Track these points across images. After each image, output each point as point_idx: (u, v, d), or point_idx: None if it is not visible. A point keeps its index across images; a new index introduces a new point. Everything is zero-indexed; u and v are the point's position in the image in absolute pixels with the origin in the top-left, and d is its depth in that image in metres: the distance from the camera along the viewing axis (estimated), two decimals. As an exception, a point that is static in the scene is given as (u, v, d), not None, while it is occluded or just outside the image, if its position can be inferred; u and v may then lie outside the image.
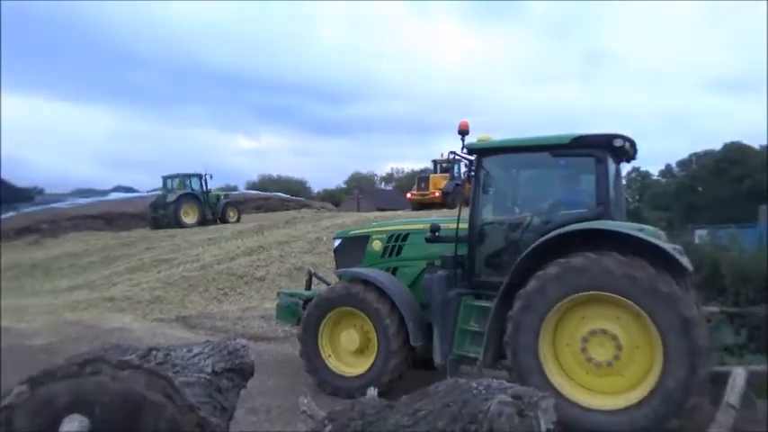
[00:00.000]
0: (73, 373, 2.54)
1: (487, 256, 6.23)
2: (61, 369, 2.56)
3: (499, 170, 6.56)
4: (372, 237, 7.26)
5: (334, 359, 6.64)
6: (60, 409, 2.48)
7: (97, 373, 2.54)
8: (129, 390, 2.51)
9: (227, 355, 3.21)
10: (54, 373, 2.55)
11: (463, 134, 6.33)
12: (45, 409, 2.48)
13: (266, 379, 6.93)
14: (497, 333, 5.60)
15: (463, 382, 2.70)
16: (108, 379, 2.53)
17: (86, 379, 2.53)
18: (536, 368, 5.28)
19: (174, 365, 2.79)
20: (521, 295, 5.35)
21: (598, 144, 5.79)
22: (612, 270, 5.00)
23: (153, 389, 2.51)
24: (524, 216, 6.27)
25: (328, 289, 6.95)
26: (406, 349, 6.24)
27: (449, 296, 6.10)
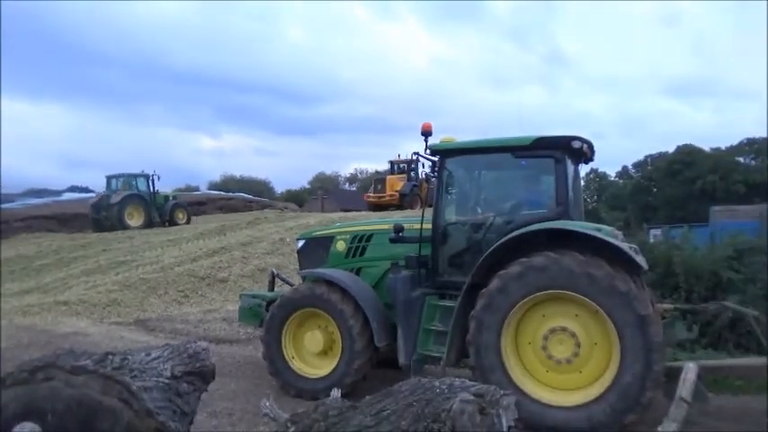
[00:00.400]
0: (23, 380, 2.46)
1: (451, 256, 6.28)
2: (11, 376, 2.47)
3: (462, 171, 6.62)
4: (336, 237, 7.23)
5: (298, 361, 6.58)
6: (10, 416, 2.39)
7: (50, 380, 2.46)
8: (83, 395, 2.43)
9: (187, 359, 3.15)
10: (3, 380, 2.46)
11: (426, 135, 6.37)
12: (-6, 418, 2.39)
13: (228, 382, 6.83)
14: (461, 332, 5.65)
15: (426, 381, 2.71)
16: (61, 385, 2.45)
17: (38, 386, 2.45)
18: (498, 366, 5.35)
19: (132, 370, 2.73)
20: (483, 294, 5.41)
21: (558, 145, 5.90)
22: (572, 269, 5.10)
23: (109, 394, 2.45)
24: (487, 216, 6.34)
25: (292, 290, 6.89)
26: (370, 350, 6.24)
27: (413, 296, 6.12)
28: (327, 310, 6.33)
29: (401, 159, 30.20)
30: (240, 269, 14.15)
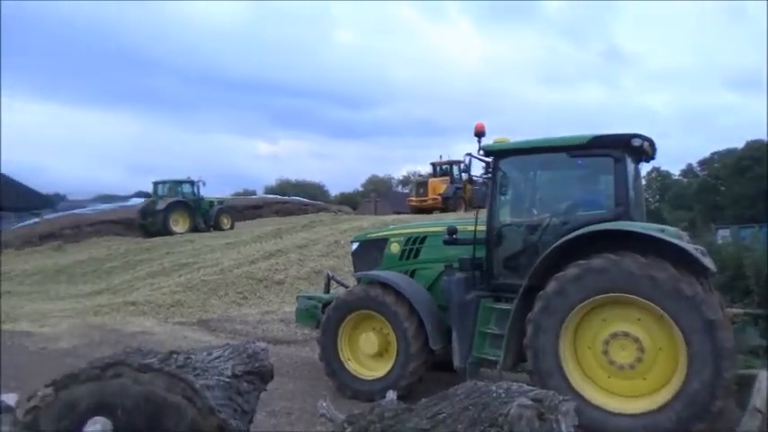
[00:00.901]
0: (95, 376, 2.57)
1: (506, 258, 6.19)
2: (84, 372, 2.59)
3: (516, 172, 6.51)
4: (390, 240, 7.25)
5: (354, 362, 6.64)
6: (83, 411, 2.51)
7: (119, 376, 2.57)
8: (150, 392, 2.53)
9: (246, 359, 3.23)
10: (77, 376, 2.59)
11: (479, 136, 6.30)
12: (69, 412, 2.52)
13: (286, 382, 6.96)
14: (517, 336, 5.56)
15: (483, 384, 2.68)
16: (130, 382, 2.55)
17: (109, 382, 2.57)
18: (557, 371, 5.22)
19: (195, 368, 2.82)
20: (540, 297, 5.30)
21: (616, 144, 5.72)
22: (633, 271, 4.93)
23: (174, 392, 2.54)
24: (543, 217, 6.22)
25: (347, 292, 6.95)
26: (425, 352, 6.22)
27: (467, 298, 6.07)
28: (382, 313, 6.36)
29: (443, 161, 29.44)
30: (296, 271, 14.41)
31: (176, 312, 11.76)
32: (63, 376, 2.62)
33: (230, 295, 12.94)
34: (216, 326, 10.77)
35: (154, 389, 2.53)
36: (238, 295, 12.98)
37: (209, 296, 12.78)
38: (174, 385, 2.55)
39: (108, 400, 2.52)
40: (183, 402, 2.53)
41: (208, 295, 12.82)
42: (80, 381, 2.57)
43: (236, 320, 11.12)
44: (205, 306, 12.23)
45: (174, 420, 2.49)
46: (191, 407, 2.52)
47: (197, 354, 3.08)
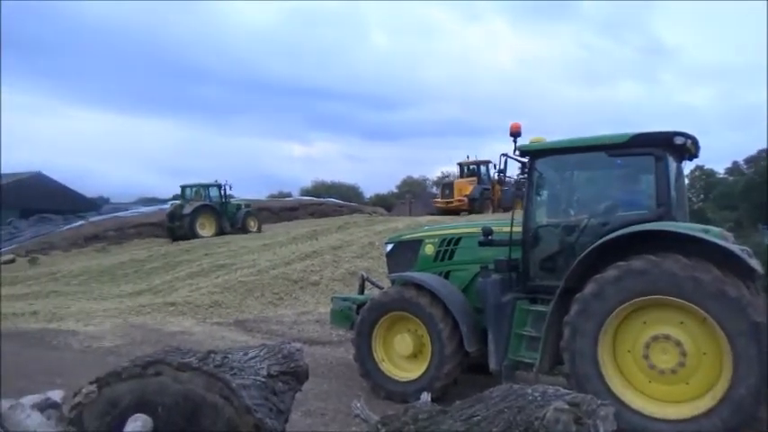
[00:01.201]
0: (137, 374, 2.65)
1: (542, 260, 6.10)
2: (126, 370, 2.67)
3: (553, 172, 6.42)
4: (425, 241, 7.24)
5: (388, 363, 6.64)
6: (125, 408, 2.59)
7: (159, 375, 2.64)
8: (189, 391, 2.59)
9: (282, 359, 3.27)
10: (119, 374, 2.67)
11: (515, 136, 6.24)
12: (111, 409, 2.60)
13: (321, 382, 7.01)
14: (554, 338, 5.48)
15: (518, 387, 2.65)
16: (169, 380, 2.62)
17: (149, 380, 2.64)
18: (595, 375, 5.12)
19: (232, 368, 2.87)
20: (578, 299, 5.21)
21: (657, 142, 5.58)
22: (675, 273, 4.80)
23: (211, 390, 2.59)
24: (580, 218, 6.11)
25: (381, 293, 6.97)
26: (460, 354, 6.18)
27: (503, 300, 6.01)
28: (416, 314, 6.35)
29: (470, 161, 28.61)
30: (331, 272, 14.51)
31: (214, 313, 11.99)
32: (106, 374, 2.71)
33: (266, 296, 13.12)
34: (252, 326, 10.94)
35: (192, 387, 2.59)
36: (274, 296, 13.16)
37: (245, 297, 12.99)
38: (211, 384, 2.60)
39: (148, 397, 2.59)
40: (221, 401, 2.58)
41: (244, 296, 13.03)
42: (122, 378, 2.65)
43: (271, 321, 11.27)
44: (242, 307, 12.44)
45: (211, 419, 2.54)
46: (228, 406, 2.57)
47: (234, 353, 3.14)
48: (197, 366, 2.65)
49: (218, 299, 12.73)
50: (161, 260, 19.62)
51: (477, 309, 6.34)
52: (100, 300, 14.18)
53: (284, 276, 14.22)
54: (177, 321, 11.29)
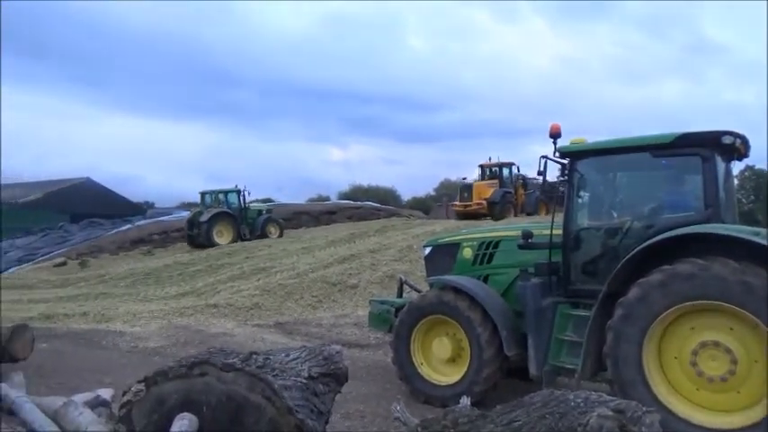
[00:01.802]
0: (183, 374, 2.73)
1: (584, 263, 5.99)
2: (173, 370, 2.76)
3: (595, 173, 6.30)
4: (463, 244, 7.20)
5: (427, 367, 6.62)
6: (171, 407, 2.67)
7: (204, 375, 2.72)
8: (232, 391, 2.65)
9: (322, 361, 3.31)
10: (166, 373, 2.75)
11: (555, 137, 6.14)
12: (158, 407, 2.68)
13: (360, 385, 7.04)
14: (596, 343, 5.36)
15: (560, 393, 2.61)
16: (214, 380, 2.69)
17: (195, 380, 2.71)
18: (640, 381, 4.99)
19: (273, 369, 2.92)
20: (622, 304, 5.09)
21: (705, 142, 5.41)
22: (725, 277, 4.63)
23: (254, 391, 2.65)
24: (624, 221, 5.97)
25: (419, 297, 6.96)
26: (499, 358, 6.12)
27: (544, 304, 5.93)
28: (455, 318, 6.31)
29: (492, 163, 27.24)
30: (369, 276, 14.56)
31: (255, 315, 12.19)
32: (154, 373, 2.80)
33: (306, 299, 13.26)
34: (292, 328, 11.07)
35: (236, 388, 2.65)
36: (313, 299, 13.29)
37: (285, 299, 13.15)
38: (254, 385, 2.66)
39: (194, 396, 2.67)
40: (263, 402, 2.63)
41: (284, 298, 13.20)
42: (169, 378, 2.73)
43: (311, 323, 11.38)
44: (281, 309, 12.60)
45: (254, 418, 2.60)
46: (270, 406, 2.62)
47: (275, 355, 3.20)
48: (240, 367, 2.71)
49: (258, 301, 12.94)
50: (203, 263, 20.07)
51: (516, 313, 6.26)
52: (145, 301, 14.59)
53: (323, 279, 14.35)
54: (219, 323, 11.52)
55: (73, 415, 2.89)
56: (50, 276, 21.96)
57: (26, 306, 14.65)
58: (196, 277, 17.95)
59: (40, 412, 2.96)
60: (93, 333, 10.56)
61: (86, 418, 2.89)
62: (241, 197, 27.58)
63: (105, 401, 3.58)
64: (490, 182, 26.32)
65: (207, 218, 25.81)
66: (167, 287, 16.76)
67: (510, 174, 26.78)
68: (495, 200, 24.99)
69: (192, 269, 19.25)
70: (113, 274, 20.38)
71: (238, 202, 27.49)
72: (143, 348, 9.43)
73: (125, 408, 2.76)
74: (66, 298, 16.03)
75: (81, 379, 6.99)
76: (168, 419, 2.58)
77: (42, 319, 12.09)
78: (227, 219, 26.47)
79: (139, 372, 3.10)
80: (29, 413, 2.94)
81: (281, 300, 13.12)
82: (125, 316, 12.25)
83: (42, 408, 3.00)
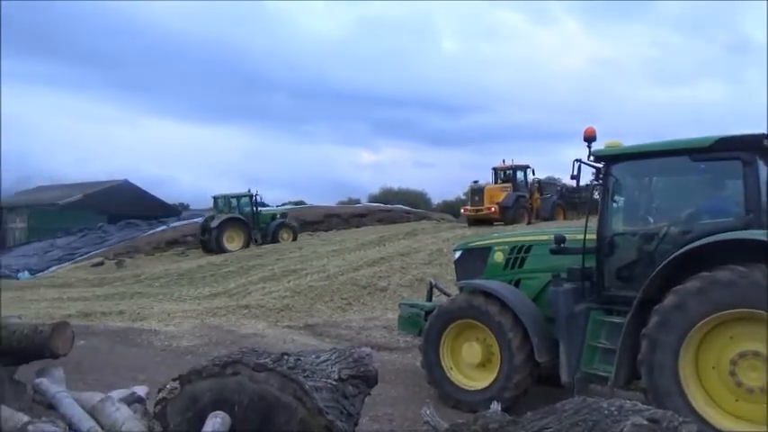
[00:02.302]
0: (216, 373, 2.78)
1: (619, 269, 5.88)
2: (206, 369, 2.81)
3: (630, 178, 6.18)
4: (494, 248, 7.14)
5: (456, 372, 6.59)
6: (205, 405, 2.72)
7: (237, 374, 2.76)
8: (264, 391, 2.69)
9: (352, 363, 3.32)
10: (200, 372, 2.81)
11: (589, 141, 6.06)
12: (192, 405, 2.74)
13: (388, 388, 7.04)
14: (630, 351, 5.26)
15: (592, 401, 2.57)
16: (246, 380, 2.73)
17: (228, 379, 2.76)
18: (676, 391, 4.87)
19: (304, 370, 2.95)
20: (657, 311, 4.98)
21: (746, 145, 5.26)
22: (766, 285, 4.49)
23: (285, 391, 2.68)
24: (660, 226, 5.85)
25: (449, 300, 6.93)
26: (530, 364, 6.05)
27: (576, 310, 5.84)
28: (485, 322, 6.27)
29: (506, 166, 26.13)
30: (399, 279, 14.56)
31: (285, 316, 12.31)
32: (188, 372, 2.86)
33: (335, 301, 13.33)
34: (321, 330, 11.14)
35: (268, 387, 2.69)
36: (343, 301, 13.35)
37: (315, 301, 13.25)
38: (286, 385, 2.69)
39: (227, 395, 2.71)
40: (294, 402, 2.66)
41: (314, 300, 13.30)
42: (203, 377, 2.79)
43: (340, 326, 11.43)
44: (311, 311, 12.69)
45: (285, 419, 2.62)
46: (301, 407, 2.64)
47: (306, 356, 3.23)
48: (272, 367, 2.75)
49: (288, 303, 13.06)
50: (235, 264, 20.36)
51: (547, 318, 6.19)
52: (179, 301, 14.88)
53: (353, 282, 14.41)
54: (250, 323, 11.66)
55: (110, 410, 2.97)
56: (88, 275, 22.58)
57: (66, 304, 15.10)
58: (228, 278, 18.22)
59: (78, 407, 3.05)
60: (129, 331, 10.82)
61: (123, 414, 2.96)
62: (253, 201, 27.23)
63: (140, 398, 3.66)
64: (503, 185, 25.14)
65: (217, 223, 25.43)
66: (200, 287, 17.05)
67: (525, 177, 25.77)
68: (508, 204, 23.79)
69: (225, 270, 19.55)
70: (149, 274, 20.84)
71: (250, 206, 27.08)
72: (176, 347, 9.61)
73: (160, 405, 2.82)
74: (104, 297, 16.47)
75: (117, 375, 7.18)
76: (201, 417, 2.63)
77: (81, 316, 12.43)
78: (238, 224, 25.96)
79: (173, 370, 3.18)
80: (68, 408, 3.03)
81: (311, 301, 13.22)
82: (160, 315, 12.50)
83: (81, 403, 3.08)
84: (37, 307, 14.25)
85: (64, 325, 4.10)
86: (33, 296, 16.96)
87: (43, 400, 3.27)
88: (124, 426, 2.86)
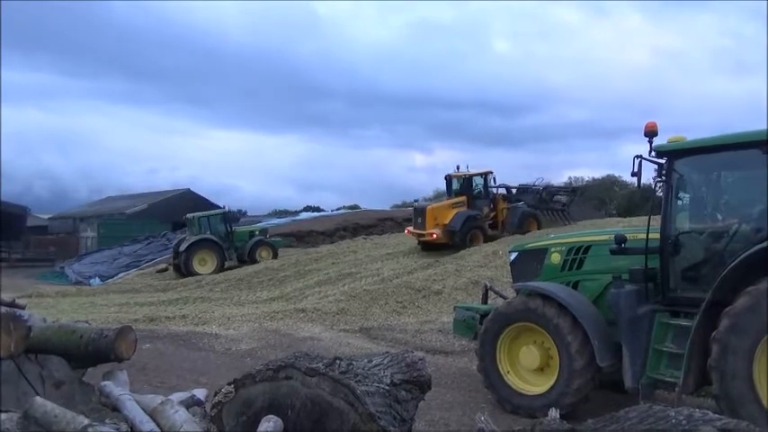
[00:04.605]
0: (269, 377, 2.80)
1: (685, 269, 5.61)
2: (259, 373, 2.83)
3: (696, 173, 5.89)
4: (550, 249, 6.95)
5: (513, 376, 6.43)
6: (258, 409, 2.74)
7: (290, 378, 2.77)
8: (316, 395, 2.69)
9: (405, 367, 3.29)
10: (254, 376, 2.83)
11: (651, 136, 5.80)
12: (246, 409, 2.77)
13: (444, 393, 6.96)
14: (699, 355, 4.99)
15: (659, 409, 2.43)
16: (299, 384, 2.73)
17: (281, 383, 2.77)
18: (750, 398, 4.58)
19: (356, 374, 2.93)
20: (729, 314, 4.72)
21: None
22: None
23: (337, 396, 2.66)
24: (730, 223, 5.54)
25: (505, 303, 6.80)
26: (591, 369, 5.83)
27: (639, 313, 5.60)
28: (543, 326, 6.10)
29: (459, 174, 21.26)
30: (454, 282, 14.42)
31: (341, 320, 12.40)
32: (242, 376, 2.89)
33: (390, 304, 13.32)
34: (376, 334, 11.15)
35: (320, 392, 2.68)
36: (398, 304, 13.32)
37: (370, 305, 13.28)
38: (337, 390, 2.68)
39: (279, 399, 2.73)
40: (346, 407, 2.64)
41: (369, 304, 13.34)
42: (256, 381, 2.81)
43: (395, 329, 11.41)
44: (366, 314, 12.73)
45: (336, 423, 2.61)
46: (352, 412, 2.62)
47: (358, 360, 3.21)
48: (324, 372, 2.74)
49: (344, 306, 13.15)
50: (292, 269, 20.70)
51: (608, 321, 5.96)
52: (239, 305, 15.25)
53: (407, 285, 14.37)
54: (307, 327, 11.81)
55: (169, 413, 3.04)
56: (153, 281, 23.48)
57: (133, 309, 15.75)
58: (285, 282, 18.54)
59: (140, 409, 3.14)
60: (192, 335, 11.16)
61: (181, 417, 3.03)
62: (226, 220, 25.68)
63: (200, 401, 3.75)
64: (455, 201, 20.52)
65: (185, 246, 23.69)
66: (258, 292, 17.42)
67: (485, 186, 21.18)
68: (455, 227, 19.30)
69: (282, 275, 19.90)
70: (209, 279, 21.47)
71: (224, 225, 25.38)
72: (236, 350, 9.83)
73: (216, 408, 2.87)
74: (168, 302, 17.06)
75: (180, 378, 7.40)
76: (255, 421, 2.65)
77: (146, 321, 12.92)
78: (209, 245, 24.11)
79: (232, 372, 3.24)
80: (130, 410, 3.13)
81: (366, 305, 13.26)
82: (220, 319, 12.84)
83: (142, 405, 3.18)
84: (107, 312, 14.92)
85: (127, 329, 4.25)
86: (104, 301, 17.79)
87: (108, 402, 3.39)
88: (182, 428, 2.92)
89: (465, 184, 20.95)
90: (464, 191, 20.84)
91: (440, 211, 19.97)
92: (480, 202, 20.79)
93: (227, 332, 11.38)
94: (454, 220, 19.56)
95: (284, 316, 12.76)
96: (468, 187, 20.89)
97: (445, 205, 20.42)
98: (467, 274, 14.89)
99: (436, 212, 19.81)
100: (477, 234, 19.70)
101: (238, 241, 25.45)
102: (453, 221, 19.51)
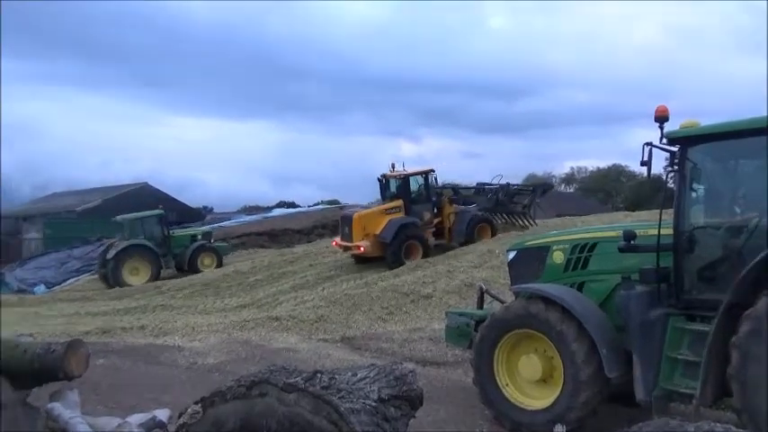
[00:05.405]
0: (241, 394, 2.77)
1: (701, 269, 5.69)
2: (230, 390, 2.80)
3: (711, 162, 5.97)
4: (552, 247, 7.01)
5: (513, 389, 6.48)
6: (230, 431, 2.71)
7: (264, 396, 2.75)
8: (295, 414, 2.66)
9: (393, 381, 3.28)
10: (224, 394, 2.80)
11: (662, 121, 5.86)
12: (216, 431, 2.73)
13: (437, 408, 6.98)
14: (718, 364, 5.07)
15: (675, 423, 2.46)
16: (275, 402, 2.71)
17: (254, 401, 2.75)
18: (774, 410, 4.65)
19: (340, 390, 2.92)
20: (749, 317, 4.79)
21: None
22: None
23: (319, 414, 2.65)
24: (749, 217, 5.61)
25: (503, 308, 6.83)
26: (599, 380, 5.89)
27: (651, 317, 5.67)
28: (545, 332, 6.14)
29: (394, 174, 19.62)
30: (445, 284, 14.45)
31: (320, 328, 12.38)
32: (211, 394, 2.86)
33: (375, 311, 13.32)
34: (360, 344, 11.16)
35: (299, 410, 2.66)
36: (383, 310, 13.33)
37: (352, 311, 13.28)
38: (319, 408, 2.66)
39: (253, 419, 2.70)
40: (329, 426, 2.63)
41: (351, 310, 13.33)
42: (227, 399, 2.78)
43: (381, 338, 11.42)
44: (348, 322, 12.73)
45: (319, 445, 2.59)
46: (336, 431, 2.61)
47: (342, 374, 3.19)
48: (303, 387, 2.73)
49: (323, 313, 13.13)
50: (264, 272, 20.62)
51: (617, 327, 6.02)
52: (204, 314, 15.16)
53: (393, 289, 14.38)
54: (282, 337, 11.78)
55: (128, 437, 3.00)
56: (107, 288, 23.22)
57: (84, 319, 15.59)
58: (257, 287, 18.46)
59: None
60: (151, 348, 11.07)
61: (142, 441, 2.99)
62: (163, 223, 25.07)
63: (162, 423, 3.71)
64: (389, 206, 18.94)
65: (114, 254, 23.04)
66: (227, 298, 17.33)
67: (427, 188, 19.58)
68: (386, 238, 17.90)
69: (253, 279, 19.83)
70: (170, 284, 21.30)
71: (160, 229, 24.80)
72: (202, 365, 9.78)
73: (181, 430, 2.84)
74: (124, 310, 16.91)
75: (138, 397, 7.33)
76: (226, 444, 2.63)
77: (99, 333, 12.79)
78: (142, 252, 23.49)
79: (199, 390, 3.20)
80: (83, 434, 3.09)
81: (347, 312, 13.26)
82: (183, 329, 12.76)
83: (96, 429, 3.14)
84: (54, 324, 14.75)
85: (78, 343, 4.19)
86: (50, 312, 17.58)
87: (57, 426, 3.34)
88: (143, 454, 2.89)
89: (401, 186, 19.26)
90: (399, 194, 19.18)
91: (369, 218, 18.42)
92: (420, 206, 19.24)
93: (191, 344, 11.31)
94: (386, 229, 18.09)
95: (256, 325, 12.72)
96: (404, 190, 19.19)
97: (376, 212, 18.95)
98: (460, 275, 14.94)
99: (365, 221, 18.31)
100: (414, 245, 18.22)
101: (177, 247, 24.85)
102: (385, 231, 18.06)
